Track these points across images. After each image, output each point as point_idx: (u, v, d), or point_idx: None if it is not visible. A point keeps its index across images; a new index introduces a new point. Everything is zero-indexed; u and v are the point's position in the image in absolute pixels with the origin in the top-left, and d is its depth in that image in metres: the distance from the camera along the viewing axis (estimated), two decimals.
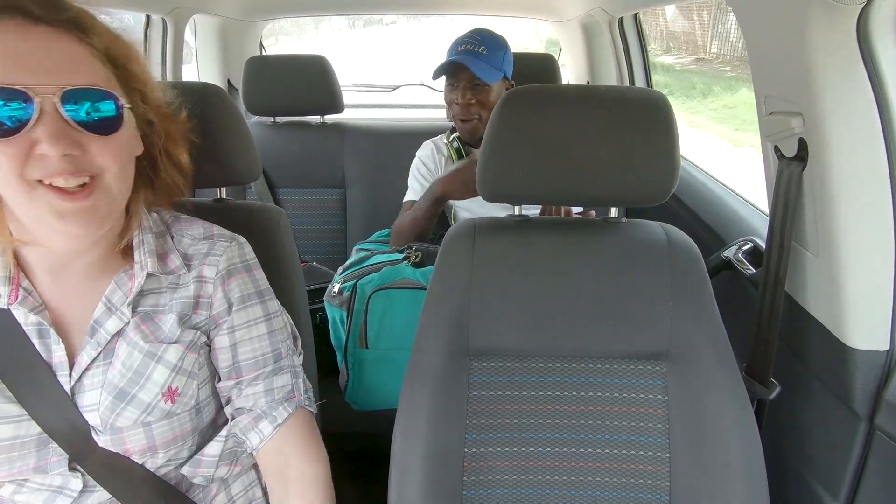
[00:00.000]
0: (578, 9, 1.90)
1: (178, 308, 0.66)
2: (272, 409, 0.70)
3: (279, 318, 0.73)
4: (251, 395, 0.69)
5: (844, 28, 0.70)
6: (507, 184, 0.84)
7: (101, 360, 0.62)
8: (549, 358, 0.84)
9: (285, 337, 0.73)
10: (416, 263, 1.22)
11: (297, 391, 0.72)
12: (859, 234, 0.76)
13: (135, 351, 0.63)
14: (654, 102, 0.81)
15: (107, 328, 0.62)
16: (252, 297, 0.70)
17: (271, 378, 0.70)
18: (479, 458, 0.81)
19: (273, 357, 0.71)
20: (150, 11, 1.60)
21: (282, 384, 0.71)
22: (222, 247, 0.70)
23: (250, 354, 0.69)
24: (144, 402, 0.62)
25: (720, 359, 0.80)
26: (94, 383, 0.62)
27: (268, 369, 0.70)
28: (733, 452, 0.77)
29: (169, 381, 0.63)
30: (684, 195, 1.50)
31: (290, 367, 0.72)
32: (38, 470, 0.61)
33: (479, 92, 1.32)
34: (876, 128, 0.73)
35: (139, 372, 0.62)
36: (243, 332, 0.69)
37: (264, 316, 0.71)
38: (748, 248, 1.10)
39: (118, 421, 0.61)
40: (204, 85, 0.86)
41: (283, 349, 0.72)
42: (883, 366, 0.77)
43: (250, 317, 0.69)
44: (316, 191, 1.72)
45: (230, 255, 0.69)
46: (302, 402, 0.73)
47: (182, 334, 0.65)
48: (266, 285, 0.73)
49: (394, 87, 2.53)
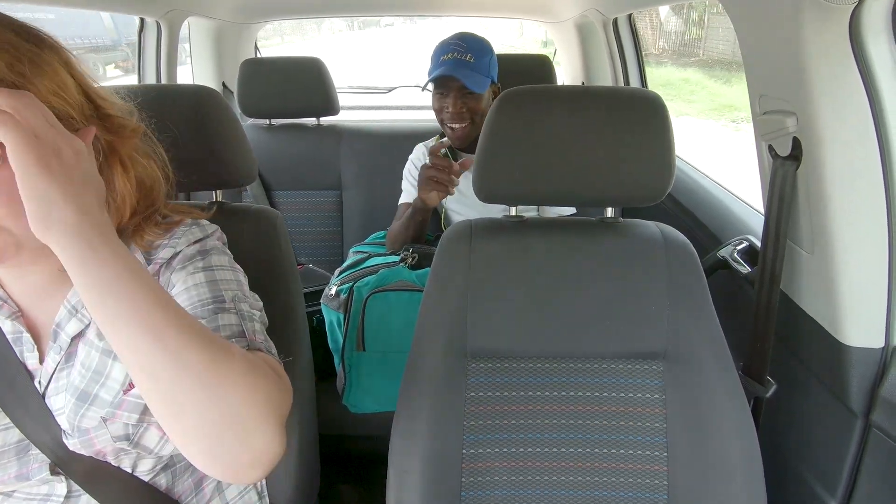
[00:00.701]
0: (573, 10, 1.90)
1: None
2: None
3: (225, 271, 0.65)
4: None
5: (837, 28, 0.70)
6: (503, 185, 0.84)
7: (64, 363, 0.61)
8: (547, 358, 0.84)
9: (233, 288, 0.63)
10: (413, 265, 1.22)
11: (249, 333, 0.60)
12: (853, 231, 0.76)
13: (92, 350, 0.61)
14: (648, 102, 0.81)
15: (67, 331, 0.61)
16: (195, 257, 0.64)
17: (214, 316, 0.59)
18: (478, 459, 0.81)
19: (213, 300, 0.60)
20: (145, 14, 1.60)
21: (226, 322, 0.59)
22: (181, 230, 0.66)
23: (187, 303, 0.60)
24: (107, 400, 0.60)
25: (717, 358, 0.80)
26: (59, 387, 0.61)
27: (207, 308, 0.60)
28: (731, 451, 0.77)
29: (129, 377, 0.60)
30: (680, 195, 1.50)
31: (235, 310, 0.61)
32: (20, 478, 0.60)
33: (470, 100, 1.31)
34: (869, 126, 0.73)
35: (98, 371, 0.61)
36: (179, 284, 0.62)
37: (204, 267, 0.63)
38: (744, 247, 1.10)
39: (83, 422, 0.60)
40: (199, 88, 0.86)
41: (226, 295, 0.61)
42: (878, 363, 0.78)
43: (189, 270, 0.62)
44: (312, 193, 1.72)
45: (189, 238, 0.65)
46: (256, 345, 0.59)
47: None
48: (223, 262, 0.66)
49: (389, 89, 2.53)
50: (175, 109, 0.82)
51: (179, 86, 1.59)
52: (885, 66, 0.72)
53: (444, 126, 1.37)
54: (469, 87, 1.28)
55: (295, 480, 0.80)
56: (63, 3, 1.29)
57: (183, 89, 0.82)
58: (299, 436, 0.81)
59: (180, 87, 1.03)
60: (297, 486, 0.80)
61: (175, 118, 0.82)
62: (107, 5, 1.41)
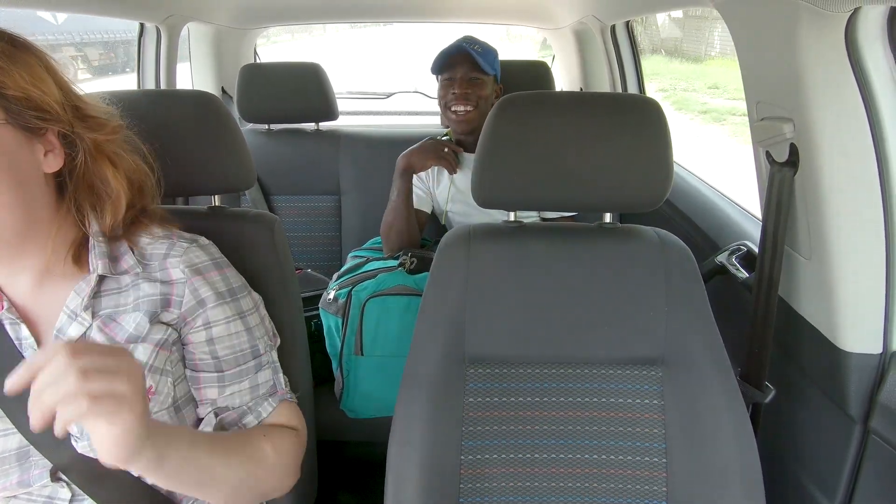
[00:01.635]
0: (571, 16, 1.91)
1: (145, 306, 0.65)
2: (257, 405, 0.70)
3: (254, 314, 0.73)
4: (236, 392, 0.69)
5: (833, 35, 0.71)
6: (502, 190, 0.84)
7: None
8: (545, 364, 0.84)
9: (262, 333, 0.73)
10: (412, 270, 1.22)
11: (279, 386, 0.73)
12: (851, 237, 0.77)
13: None
14: (646, 108, 0.81)
15: (70, 336, 0.62)
16: (224, 295, 0.69)
17: (255, 375, 0.70)
18: (476, 465, 0.81)
19: (252, 353, 0.71)
20: (144, 20, 1.60)
21: (264, 380, 0.71)
22: (181, 248, 0.69)
23: (229, 351, 0.69)
24: None
25: (715, 363, 0.80)
26: None
27: (250, 365, 0.70)
28: (730, 457, 0.77)
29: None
30: (678, 200, 1.51)
31: (270, 364, 0.73)
32: (21, 484, 0.60)
33: (475, 85, 1.35)
34: (865, 132, 0.74)
35: None
36: (220, 328, 0.68)
37: (238, 314, 0.70)
38: (741, 252, 1.10)
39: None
40: (198, 93, 0.86)
41: (261, 346, 0.72)
42: (876, 369, 0.78)
43: (227, 313, 0.69)
44: (310, 198, 1.72)
45: (191, 257, 0.68)
46: (285, 397, 0.73)
47: (151, 331, 0.64)
48: (238, 283, 0.73)
49: (388, 95, 2.54)
50: (174, 114, 0.82)
51: (179, 91, 1.59)
52: (880, 73, 0.72)
53: (448, 112, 1.38)
54: (479, 62, 1.32)
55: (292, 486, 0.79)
56: (62, 8, 1.30)
57: (182, 94, 0.83)
58: None
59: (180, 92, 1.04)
60: (294, 493, 0.79)
61: (174, 123, 0.82)
62: (106, 10, 1.41)
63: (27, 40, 0.57)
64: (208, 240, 0.73)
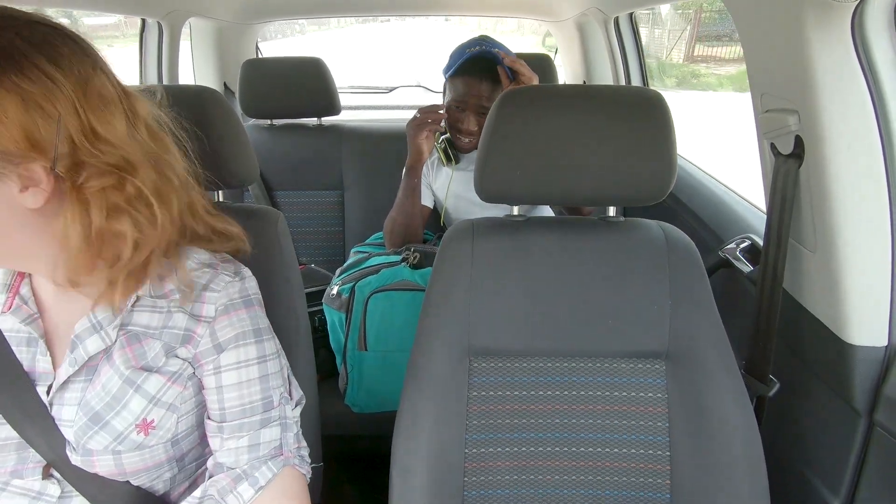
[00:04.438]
0: (574, 8, 1.90)
1: (166, 337, 0.62)
2: (254, 469, 0.62)
3: (275, 360, 0.66)
4: (233, 449, 0.63)
5: (839, 26, 0.70)
6: (505, 184, 0.84)
7: (84, 376, 0.60)
8: (549, 357, 0.84)
9: (279, 383, 0.66)
10: (415, 265, 1.22)
11: (286, 447, 0.65)
12: (856, 230, 0.76)
13: (115, 375, 0.60)
14: (650, 101, 0.81)
15: (86, 347, 0.60)
16: (247, 335, 0.64)
17: (258, 431, 0.63)
18: (480, 458, 0.81)
19: (262, 405, 0.64)
20: (146, 15, 1.60)
21: (269, 438, 0.64)
22: (224, 282, 0.64)
23: (237, 401, 0.63)
24: (117, 430, 0.60)
25: (719, 356, 0.80)
26: (73, 398, 0.60)
27: (255, 419, 0.63)
28: (734, 450, 0.77)
29: (144, 412, 0.60)
30: (682, 194, 1.50)
31: (280, 419, 0.65)
32: (14, 474, 0.60)
33: (483, 119, 1.31)
34: (871, 124, 0.73)
35: (117, 398, 0.60)
36: (231, 374, 0.63)
37: (258, 358, 0.64)
38: (746, 245, 1.10)
39: (90, 443, 0.60)
40: (200, 88, 0.86)
41: (274, 397, 0.65)
42: (881, 361, 0.78)
43: (241, 357, 0.63)
44: (313, 193, 1.72)
45: (231, 292, 0.64)
46: (290, 461, 0.65)
47: (166, 364, 0.61)
48: (265, 323, 0.67)
49: (391, 89, 2.53)
50: (176, 110, 0.82)
51: (181, 86, 1.59)
52: (887, 64, 0.72)
53: (453, 134, 1.38)
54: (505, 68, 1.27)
55: None
56: (63, 4, 1.29)
57: (184, 90, 0.82)
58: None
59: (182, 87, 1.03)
60: None
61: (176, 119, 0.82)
62: (108, 6, 1.41)
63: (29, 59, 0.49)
64: (249, 272, 0.68)
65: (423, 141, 1.33)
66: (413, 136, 1.34)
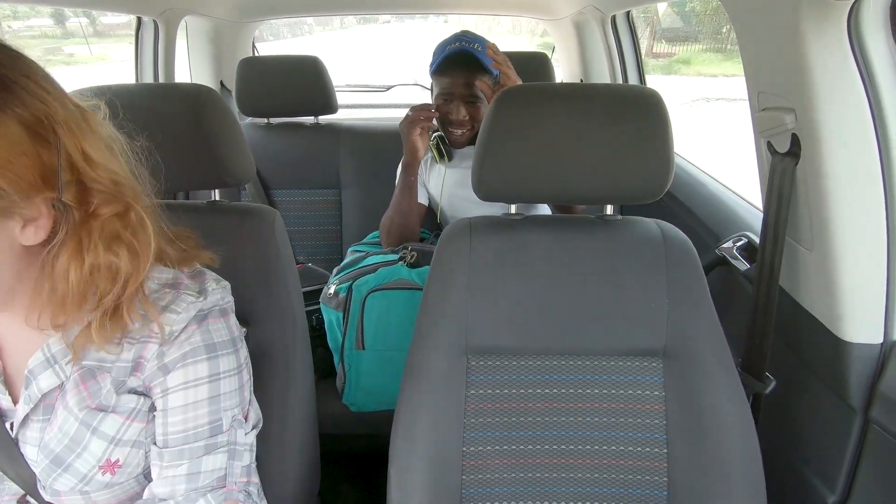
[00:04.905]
0: (571, 7, 1.90)
1: (115, 371, 0.56)
2: (189, 502, 0.56)
3: (231, 378, 0.59)
4: (170, 477, 0.56)
5: (836, 25, 0.70)
6: (502, 182, 0.84)
7: (41, 415, 0.57)
8: (547, 355, 0.84)
9: (233, 404, 0.58)
10: (412, 264, 1.22)
11: (231, 478, 0.57)
12: (852, 228, 0.76)
13: (70, 417, 0.56)
14: (647, 99, 0.81)
15: (39, 384, 0.55)
16: (197, 352, 0.57)
17: (199, 458, 0.56)
18: (478, 456, 0.81)
19: (209, 430, 0.57)
20: (141, 13, 1.59)
21: (212, 467, 0.57)
22: (185, 303, 0.57)
23: (181, 426, 0.56)
24: (80, 472, 0.56)
25: (716, 354, 0.80)
26: (34, 438, 0.57)
27: (198, 445, 0.56)
28: (731, 446, 0.77)
29: (107, 453, 0.56)
30: (679, 192, 1.50)
31: (228, 445, 0.57)
32: None
33: (472, 107, 1.33)
34: (867, 123, 0.73)
35: (75, 440, 0.56)
36: (178, 395, 0.56)
37: (209, 376, 0.57)
38: (742, 243, 1.10)
39: (56, 484, 0.57)
40: (196, 86, 0.86)
41: (224, 421, 0.58)
42: (877, 359, 0.78)
43: (189, 377, 0.56)
44: (310, 192, 1.71)
45: (191, 313, 0.57)
46: (234, 496, 0.57)
47: (119, 401, 0.56)
48: (225, 337, 0.59)
49: (387, 87, 2.53)
50: (173, 108, 0.82)
51: (177, 85, 1.58)
52: (883, 63, 0.72)
53: (445, 128, 1.38)
54: (484, 66, 1.29)
55: (295, 480, 0.80)
56: (59, 3, 1.29)
57: (180, 88, 0.82)
58: (299, 435, 0.81)
59: (178, 85, 1.03)
60: (297, 486, 0.80)
61: (173, 117, 0.81)
62: (103, 4, 1.40)
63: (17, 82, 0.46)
64: (220, 281, 0.62)
65: (418, 137, 1.33)
66: (407, 133, 1.34)
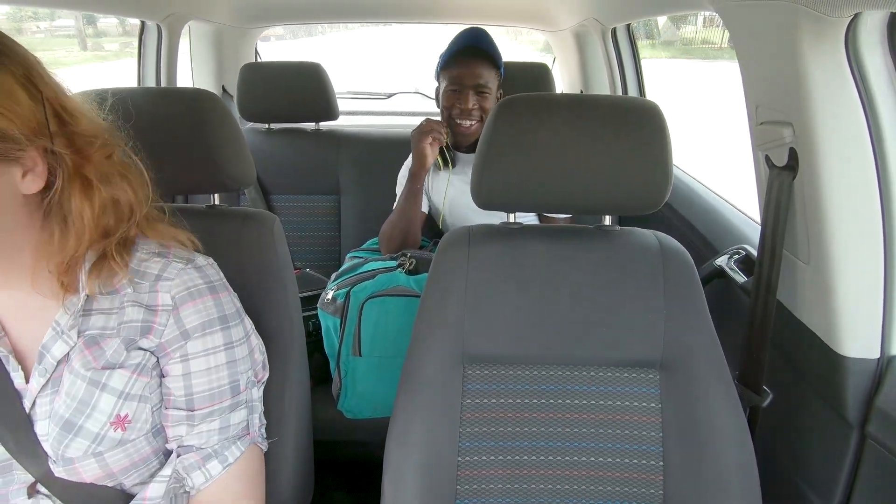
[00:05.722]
0: (572, 18, 1.92)
1: (124, 332, 0.61)
2: (224, 448, 0.65)
3: (243, 345, 0.67)
4: (205, 432, 0.64)
5: (833, 40, 0.71)
6: (501, 192, 0.84)
7: (49, 388, 0.60)
8: (544, 365, 0.84)
9: (247, 367, 0.67)
10: (410, 271, 1.22)
11: (252, 427, 0.68)
12: (849, 242, 0.77)
13: (77, 379, 0.60)
14: (646, 111, 0.82)
15: (53, 354, 0.59)
16: (213, 322, 0.64)
17: (228, 415, 0.65)
18: (473, 466, 0.81)
19: (230, 390, 0.65)
20: (145, 18, 1.60)
21: (238, 421, 0.66)
22: (175, 269, 0.64)
23: (206, 387, 0.64)
24: (92, 432, 0.59)
25: (713, 366, 0.80)
26: (43, 412, 0.60)
27: (225, 404, 0.65)
28: (727, 460, 0.77)
29: (117, 408, 0.60)
30: (677, 203, 1.51)
31: (247, 402, 0.67)
32: (0, 497, 0.59)
33: (481, 97, 1.36)
34: (865, 137, 0.74)
35: (84, 401, 0.59)
36: (199, 361, 0.63)
37: (225, 344, 0.65)
38: (740, 256, 1.11)
39: (68, 451, 0.59)
40: (198, 91, 0.86)
41: (241, 381, 0.66)
42: (873, 374, 0.78)
43: (208, 345, 0.64)
44: (310, 198, 1.72)
45: (184, 280, 0.63)
46: (255, 440, 0.69)
47: (128, 357, 0.61)
48: (233, 309, 0.67)
49: (388, 95, 2.54)
50: (174, 112, 0.82)
51: (179, 89, 1.59)
52: (880, 78, 0.73)
53: (453, 122, 1.39)
54: (493, 59, 1.32)
55: (289, 487, 0.79)
56: (62, 5, 1.30)
57: (182, 92, 0.82)
58: (294, 441, 0.80)
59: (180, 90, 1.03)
60: (290, 493, 0.79)
61: (174, 121, 0.82)
62: (107, 8, 1.41)
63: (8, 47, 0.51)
64: (207, 258, 0.68)
65: (428, 146, 1.35)
66: (418, 141, 1.36)
